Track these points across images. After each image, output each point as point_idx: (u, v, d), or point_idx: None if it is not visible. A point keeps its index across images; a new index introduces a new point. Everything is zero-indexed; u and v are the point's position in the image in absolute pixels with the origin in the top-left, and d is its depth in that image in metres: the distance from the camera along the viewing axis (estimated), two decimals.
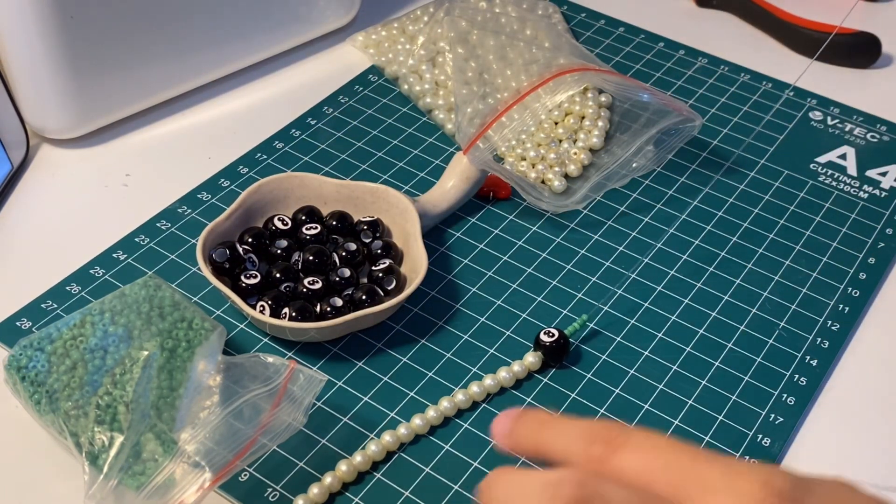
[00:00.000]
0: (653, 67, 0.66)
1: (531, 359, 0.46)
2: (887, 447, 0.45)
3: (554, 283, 0.51)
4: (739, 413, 0.45)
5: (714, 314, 0.50)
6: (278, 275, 0.47)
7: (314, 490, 0.41)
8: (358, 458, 0.42)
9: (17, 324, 0.47)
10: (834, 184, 0.58)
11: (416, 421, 0.43)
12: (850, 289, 0.51)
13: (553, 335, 0.46)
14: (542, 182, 0.56)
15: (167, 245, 0.52)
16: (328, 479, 0.41)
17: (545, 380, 0.46)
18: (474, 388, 0.45)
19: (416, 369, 0.46)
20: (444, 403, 0.44)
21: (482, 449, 0.43)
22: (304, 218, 0.50)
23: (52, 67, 0.54)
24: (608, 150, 0.58)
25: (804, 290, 0.51)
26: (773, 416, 0.45)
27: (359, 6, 0.68)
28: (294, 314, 0.45)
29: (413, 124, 0.61)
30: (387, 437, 0.42)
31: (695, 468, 0.31)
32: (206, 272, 0.46)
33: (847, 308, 0.50)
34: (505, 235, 0.53)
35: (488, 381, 0.45)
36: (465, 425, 0.44)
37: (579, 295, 0.50)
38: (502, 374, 0.45)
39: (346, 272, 0.48)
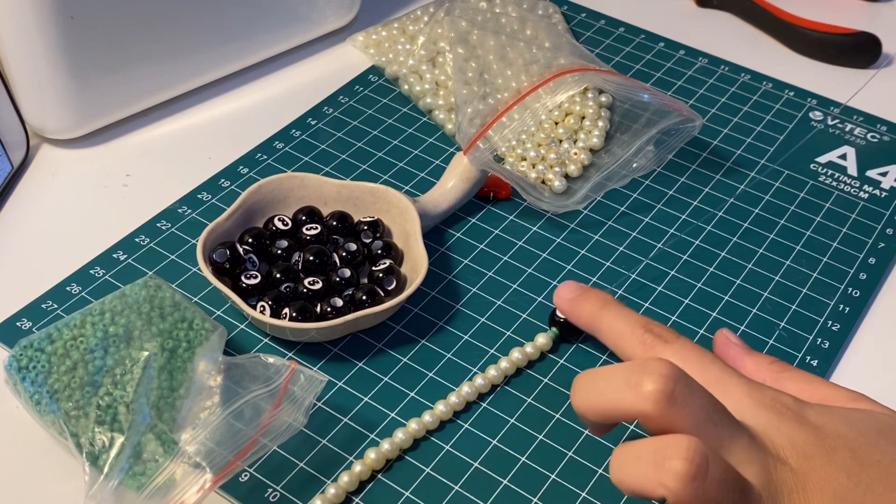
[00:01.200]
0: (653, 67, 0.66)
1: (542, 340, 0.47)
2: None
3: (554, 283, 0.51)
4: None
5: (714, 314, 0.50)
6: (278, 275, 0.47)
7: (331, 490, 0.40)
8: (358, 467, 0.41)
9: (18, 324, 0.47)
10: (834, 184, 0.58)
11: (427, 417, 0.43)
12: (850, 289, 0.51)
13: None
14: (543, 182, 0.56)
15: (167, 245, 0.52)
16: (332, 489, 0.41)
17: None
18: (492, 371, 0.46)
19: (416, 369, 0.46)
20: (465, 388, 0.45)
21: (483, 449, 0.43)
22: (304, 218, 0.50)
23: (52, 67, 0.54)
24: (608, 150, 0.58)
25: (804, 291, 0.51)
26: None
27: (359, 6, 0.68)
28: (294, 314, 0.45)
29: (413, 124, 0.61)
30: (385, 444, 0.42)
31: (722, 379, 0.37)
32: (207, 272, 0.46)
33: (847, 308, 0.50)
34: (505, 235, 0.53)
35: (504, 363, 0.46)
36: (466, 426, 0.44)
37: None
38: (515, 354, 0.46)
39: (347, 272, 0.48)
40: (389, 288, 0.47)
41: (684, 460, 0.32)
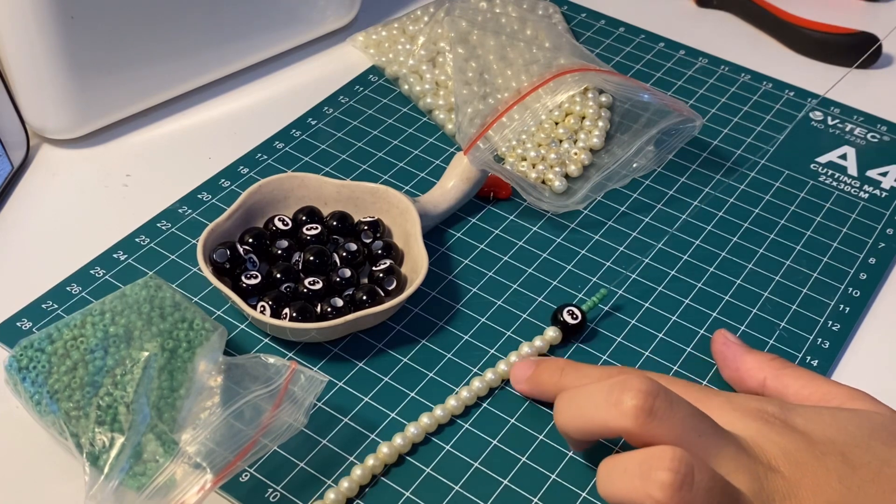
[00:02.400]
0: (653, 67, 0.66)
1: (552, 333, 0.47)
2: None
3: (555, 283, 0.51)
4: None
5: (715, 314, 0.50)
6: (279, 275, 0.47)
7: (331, 496, 0.40)
8: (358, 471, 0.41)
9: (18, 324, 0.47)
10: (834, 184, 0.58)
11: (424, 420, 0.43)
12: (850, 289, 0.51)
13: (577, 316, 0.47)
14: (543, 182, 0.56)
15: (168, 245, 0.52)
16: (331, 494, 0.41)
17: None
18: (489, 374, 0.45)
19: (416, 370, 0.46)
20: (451, 402, 0.44)
21: (483, 449, 0.43)
22: (304, 218, 0.50)
23: (52, 67, 0.54)
24: (608, 150, 0.58)
25: (805, 291, 0.51)
26: None
27: (359, 6, 0.68)
28: (295, 314, 0.45)
29: (413, 124, 0.61)
30: (384, 448, 0.42)
31: (702, 397, 0.38)
32: (207, 272, 0.46)
33: (848, 308, 0.50)
34: (505, 236, 0.53)
35: (513, 357, 0.46)
36: (466, 426, 0.44)
37: (580, 295, 0.50)
38: (525, 349, 0.46)
39: (347, 272, 0.48)
40: (390, 288, 0.47)
41: (669, 471, 0.32)
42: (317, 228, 0.50)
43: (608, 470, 0.34)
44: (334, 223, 0.50)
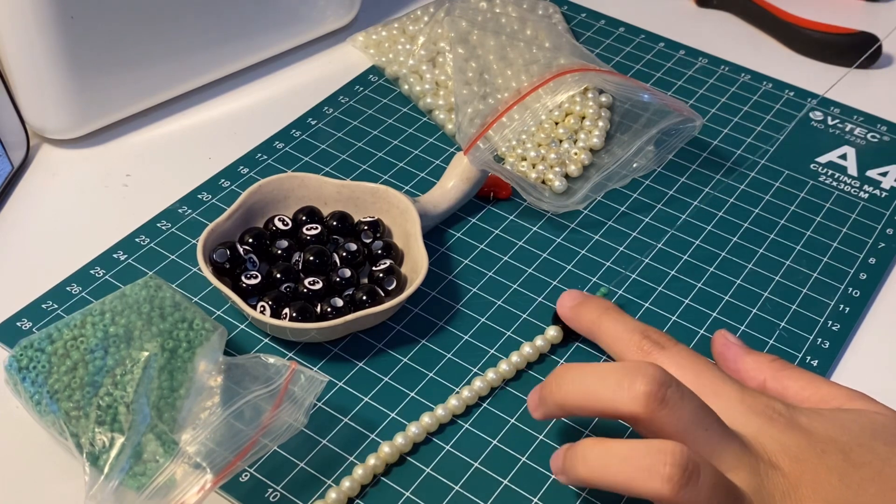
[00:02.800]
0: (653, 67, 0.66)
1: (553, 332, 0.47)
2: None
3: (554, 283, 0.51)
4: None
5: (715, 314, 0.50)
6: (279, 275, 0.47)
7: (332, 495, 0.40)
8: (360, 471, 0.41)
9: (18, 324, 0.47)
10: (834, 184, 0.58)
11: (426, 419, 0.43)
12: (850, 289, 0.51)
13: None
14: (543, 182, 0.56)
15: (168, 245, 0.52)
16: (332, 494, 0.41)
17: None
18: (490, 374, 0.45)
19: (416, 370, 0.46)
20: (453, 401, 0.44)
21: (483, 449, 0.43)
22: (304, 218, 0.50)
23: (52, 67, 0.54)
24: (608, 150, 0.58)
25: (805, 291, 0.51)
26: None
27: (359, 6, 0.68)
28: (294, 314, 0.45)
29: (413, 124, 0.61)
30: (385, 447, 0.42)
31: (716, 385, 0.38)
32: (207, 273, 0.46)
33: (847, 308, 0.50)
34: (505, 236, 0.53)
35: (515, 357, 0.46)
36: (466, 426, 0.44)
37: None
38: (526, 349, 0.46)
39: (347, 272, 0.48)
40: (389, 288, 0.47)
41: (676, 466, 0.32)
42: (317, 228, 0.50)
43: (601, 454, 0.35)
44: (334, 223, 0.50)
